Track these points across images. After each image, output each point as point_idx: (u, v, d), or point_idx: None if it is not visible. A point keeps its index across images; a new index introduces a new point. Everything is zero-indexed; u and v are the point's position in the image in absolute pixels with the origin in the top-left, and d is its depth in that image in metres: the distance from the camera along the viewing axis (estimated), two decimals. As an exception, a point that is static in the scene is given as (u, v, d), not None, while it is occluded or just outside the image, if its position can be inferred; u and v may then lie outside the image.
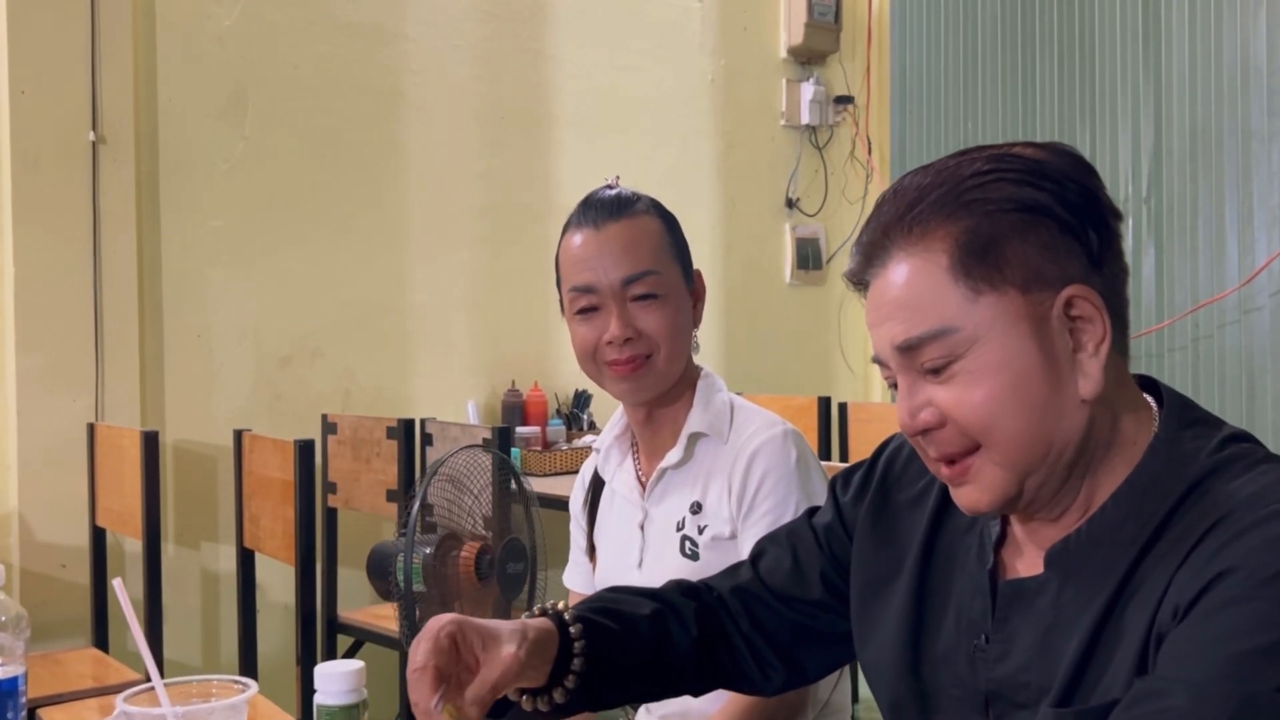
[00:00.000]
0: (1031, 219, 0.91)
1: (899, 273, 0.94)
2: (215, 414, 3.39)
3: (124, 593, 1.12)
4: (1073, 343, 0.93)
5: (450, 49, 3.86)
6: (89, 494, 3.07)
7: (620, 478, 1.64)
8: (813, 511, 1.24)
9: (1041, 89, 4.45)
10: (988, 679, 0.99)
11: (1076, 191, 0.94)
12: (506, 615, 2.30)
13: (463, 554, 2.15)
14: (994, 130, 4.57)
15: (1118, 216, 0.97)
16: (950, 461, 0.96)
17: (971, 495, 0.97)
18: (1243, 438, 0.95)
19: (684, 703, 1.55)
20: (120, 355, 3.24)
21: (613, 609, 1.15)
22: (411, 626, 1.68)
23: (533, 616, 1.09)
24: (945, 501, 1.08)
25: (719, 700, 1.49)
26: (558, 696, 1.08)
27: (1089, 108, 4.30)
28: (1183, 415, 0.97)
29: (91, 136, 3.19)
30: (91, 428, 3.09)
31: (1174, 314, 4.00)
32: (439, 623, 1.00)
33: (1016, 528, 1.02)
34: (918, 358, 0.94)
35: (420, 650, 0.98)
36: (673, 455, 1.55)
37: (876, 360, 0.99)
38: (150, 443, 2.75)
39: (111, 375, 3.22)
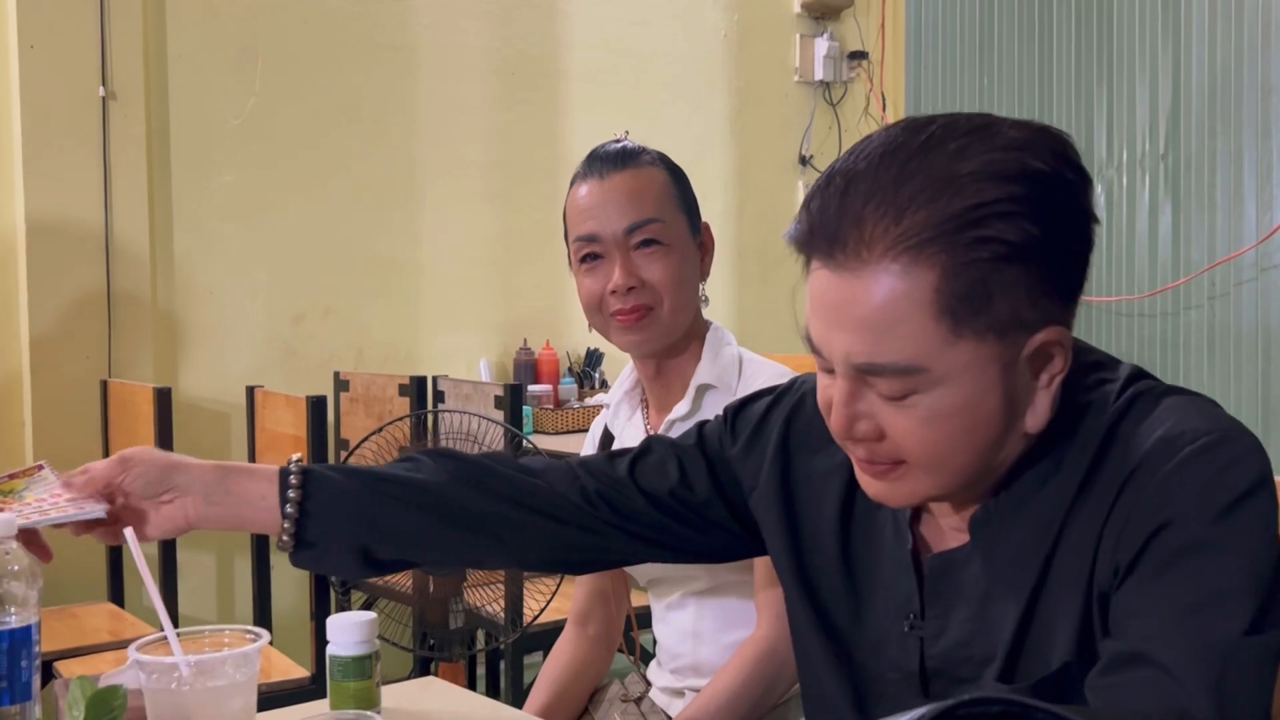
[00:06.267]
0: (1024, 266, 0.84)
1: (876, 288, 0.84)
2: (228, 370, 3.40)
3: (135, 540, 1.13)
4: (1033, 377, 0.89)
5: (462, 3, 3.83)
6: (103, 450, 3.08)
7: (629, 432, 1.64)
8: (702, 426, 1.22)
9: (1058, 43, 4.40)
10: (928, 656, 0.97)
11: (1073, 215, 0.87)
12: (425, 588, 2.32)
13: None
14: (1010, 86, 4.52)
15: (1096, 221, 0.90)
16: (888, 464, 0.92)
17: (885, 492, 0.93)
18: (1141, 375, 0.95)
19: (695, 656, 1.56)
20: (132, 311, 3.24)
21: (385, 472, 1.19)
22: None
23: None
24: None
25: (727, 652, 1.50)
26: (284, 534, 1.15)
27: (1106, 62, 4.25)
28: (1083, 360, 0.94)
29: (101, 92, 3.17)
30: (104, 384, 3.10)
31: (1190, 271, 3.98)
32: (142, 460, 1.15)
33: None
34: (874, 380, 0.88)
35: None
36: (680, 407, 1.55)
37: (811, 347, 0.91)
38: (163, 399, 2.76)
39: (124, 332, 3.23)
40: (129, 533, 1.13)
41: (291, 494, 1.14)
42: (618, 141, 1.57)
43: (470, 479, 1.18)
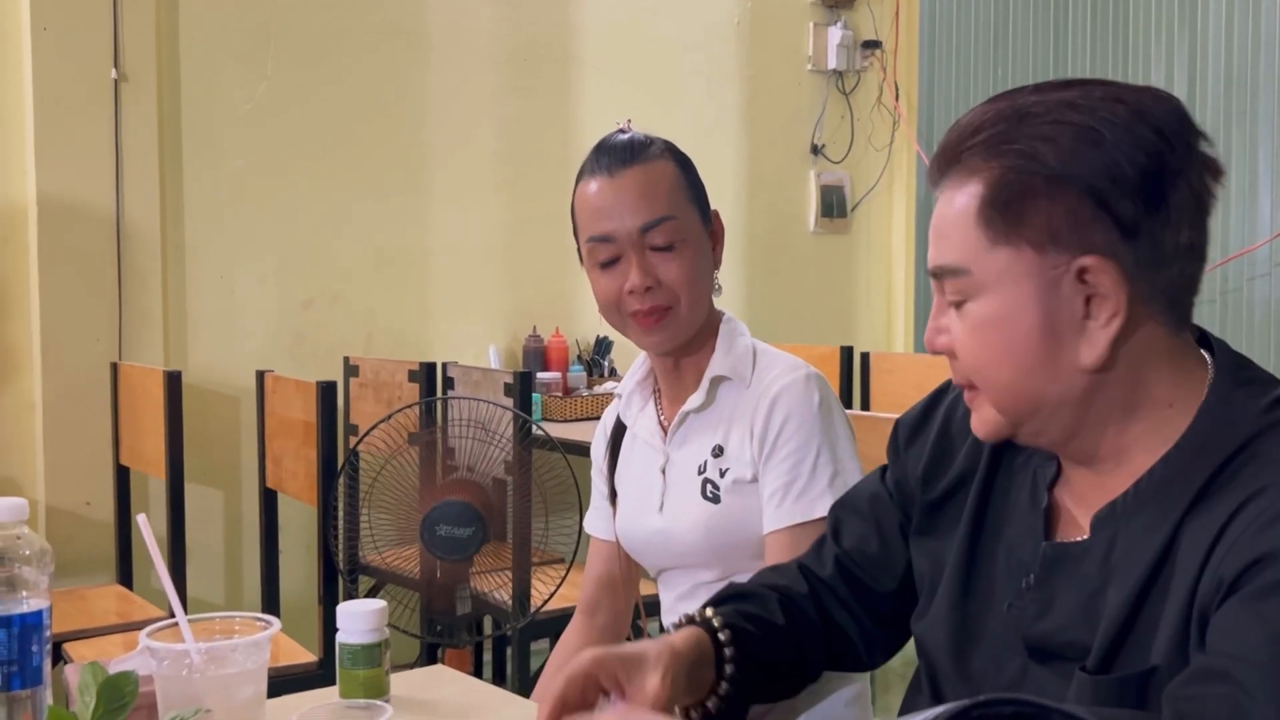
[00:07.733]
0: (1060, 184, 0.90)
1: (946, 199, 0.96)
2: (237, 355, 3.40)
3: (148, 528, 1.13)
4: (1084, 310, 0.92)
5: (473, -11, 3.82)
6: (112, 433, 3.09)
7: (642, 423, 1.63)
8: (884, 470, 1.21)
9: (1073, 35, 4.37)
10: (1027, 633, 0.98)
11: (1137, 159, 0.90)
12: (433, 572, 2.31)
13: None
14: (1024, 76, 4.50)
15: (1202, 194, 0.93)
16: (966, 386, 1.00)
17: (975, 422, 1.01)
18: None
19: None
20: (143, 295, 3.25)
21: (750, 611, 1.12)
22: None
23: (680, 625, 1.08)
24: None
25: None
26: (711, 705, 1.05)
27: (1121, 54, 4.23)
28: (1237, 374, 0.94)
29: (114, 74, 3.17)
30: (115, 367, 3.10)
31: (1203, 266, 3.96)
32: (578, 661, 0.98)
33: (1066, 466, 1.01)
34: (943, 285, 0.97)
35: (552, 686, 0.96)
36: (695, 399, 1.54)
37: None
38: (173, 383, 2.76)
39: (134, 315, 3.23)
40: (142, 519, 1.13)
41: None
42: (623, 132, 1.55)
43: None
